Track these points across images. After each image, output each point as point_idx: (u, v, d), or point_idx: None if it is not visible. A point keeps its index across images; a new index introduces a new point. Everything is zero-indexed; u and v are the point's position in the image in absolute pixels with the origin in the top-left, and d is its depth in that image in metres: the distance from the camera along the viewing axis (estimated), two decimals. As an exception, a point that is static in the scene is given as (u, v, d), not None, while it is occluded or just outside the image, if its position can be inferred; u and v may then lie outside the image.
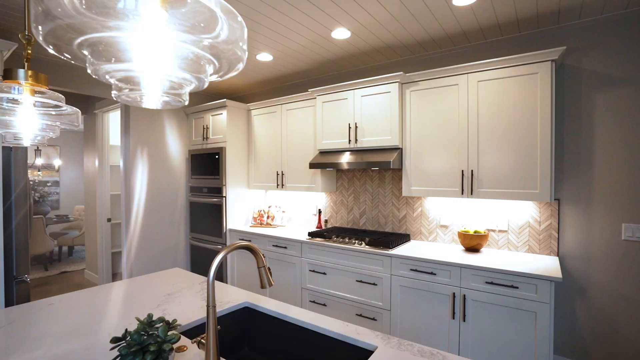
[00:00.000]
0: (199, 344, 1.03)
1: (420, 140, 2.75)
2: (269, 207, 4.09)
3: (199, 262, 4.10)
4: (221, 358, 1.08)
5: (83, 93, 3.47)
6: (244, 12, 2.24)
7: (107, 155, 4.19)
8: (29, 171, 5.92)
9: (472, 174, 2.49)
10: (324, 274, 2.99)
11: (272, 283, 1.18)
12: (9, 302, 2.22)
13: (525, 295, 2.07)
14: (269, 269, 1.20)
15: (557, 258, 2.40)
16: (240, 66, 0.59)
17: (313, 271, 3.07)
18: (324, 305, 3.00)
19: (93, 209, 4.34)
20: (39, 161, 5.53)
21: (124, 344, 0.89)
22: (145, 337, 0.92)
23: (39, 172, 5.91)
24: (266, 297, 1.64)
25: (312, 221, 3.81)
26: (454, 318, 2.31)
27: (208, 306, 1.02)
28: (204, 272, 4.01)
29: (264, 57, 3.06)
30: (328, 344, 1.30)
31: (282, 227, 3.81)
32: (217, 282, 1.88)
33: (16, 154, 2.26)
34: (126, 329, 0.93)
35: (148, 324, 0.95)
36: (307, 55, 3.05)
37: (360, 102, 2.98)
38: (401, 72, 2.72)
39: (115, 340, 0.90)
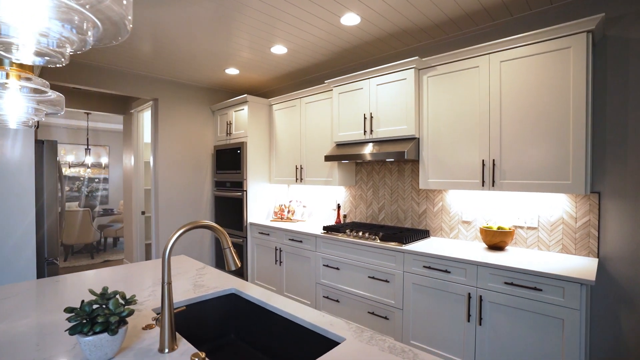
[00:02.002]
0: (157, 320, 1.02)
1: (438, 129, 2.56)
2: (290, 201, 4.09)
3: (221, 254, 4.21)
4: (177, 334, 1.06)
5: (120, 94, 3.74)
6: (251, 4, 2.24)
7: (141, 152, 4.48)
8: (80, 169, 6.55)
9: (493, 164, 2.26)
10: (337, 269, 2.91)
11: (239, 264, 1.15)
12: (40, 281, 2.43)
13: (550, 299, 1.82)
14: (235, 250, 1.16)
15: (596, 260, 2.08)
16: (127, 24, 0.55)
17: (327, 266, 3.00)
18: (337, 301, 2.91)
19: (130, 203, 4.66)
20: (89, 159, 6.11)
21: (74, 315, 0.91)
22: (96, 308, 0.93)
23: (89, 169, 6.53)
24: (252, 284, 1.61)
25: (332, 216, 3.74)
26: (469, 321, 2.11)
27: (163, 282, 1.00)
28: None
29: (278, 49, 3.06)
30: (306, 334, 1.24)
31: (302, 222, 3.79)
32: (210, 268, 1.90)
33: (48, 149, 2.47)
34: (82, 301, 0.95)
35: (101, 296, 0.96)
36: (320, 45, 2.99)
37: (376, 91, 2.86)
38: (417, 57, 2.56)
39: (68, 310, 0.92)
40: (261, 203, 3.99)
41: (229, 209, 4.07)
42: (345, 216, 3.57)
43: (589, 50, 1.93)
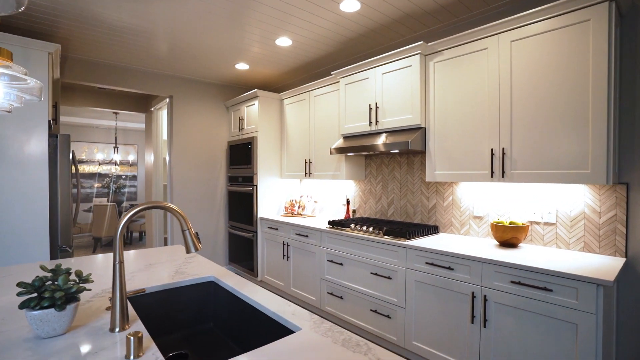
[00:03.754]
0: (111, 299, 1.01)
1: (445, 117, 2.40)
2: (301, 196, 4.05)
3: (235, 249, 4.26)
4: (135, 314, 1.04)
5: (137, 91, 3.90)
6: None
7: (160, 149, 4.65)
8: (111, 167, 6.92)
9: (503, 153, 2.08)
10: (341, 264, 2.82)
11: (199, 247, 1.12)
12: (55, 267, 2.57)
13: (561, 300, 1.63)
14: (196, 234, 1.13)
15: (622, 259, 1.85)
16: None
17: (331, 261, 2.92)
18: (341, 298, 2.83)
19: (150, 199, 4.86)
20: (117, 157, 6.48)
21: (23, 290, 0.91)
22: (46, 284, 0.94)
23: (117, 167, 6.91)
24: (232, 272, 1.58)
25: (342, 211, 3.65)
26: (473, 322, 1.95)
27: (114, 262, 0.99)
28: (239, 259, 4.15)
29: (283, 41, 3.03)
30: (271, 323, 1.18)
31: (311, 217, 3.73)
32: (199, 257, 1.89)
33: (61, 142, 2.61)
34: (37, 276, 0.96)
35: (53, 272, 0.96)
36: (325, 36, 2.92)
37: (381, 81, 2.75)
38: (422, 42, 2.42)
39: (20, 284, 0.93)
40: (272, 198, 3.98)
41: (241, 203, 4.11)
42: (354, 211, 3.48)
43: (611, 22, 1.71)
